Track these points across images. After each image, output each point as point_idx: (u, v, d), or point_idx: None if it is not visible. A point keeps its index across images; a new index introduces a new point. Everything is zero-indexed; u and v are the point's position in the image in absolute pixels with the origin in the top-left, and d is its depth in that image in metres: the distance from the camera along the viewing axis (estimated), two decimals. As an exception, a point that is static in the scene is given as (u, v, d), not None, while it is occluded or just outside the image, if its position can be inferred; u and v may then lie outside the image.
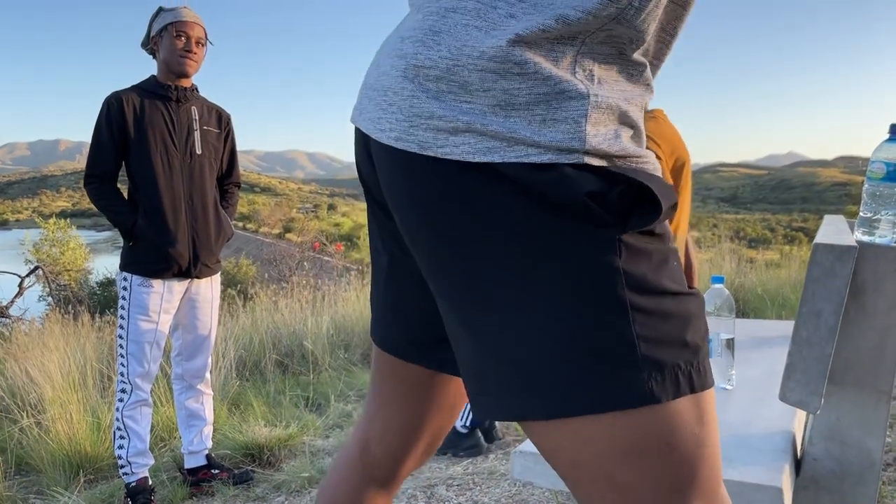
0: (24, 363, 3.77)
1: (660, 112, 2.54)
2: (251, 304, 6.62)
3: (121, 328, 2.57)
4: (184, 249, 2.59)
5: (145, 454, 2.61)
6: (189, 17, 2.59)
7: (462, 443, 2.89)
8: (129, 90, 2.59)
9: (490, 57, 0.69)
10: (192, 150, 2.64)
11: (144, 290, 2.55)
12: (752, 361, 2.05)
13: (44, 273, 11.32)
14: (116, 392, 2.60)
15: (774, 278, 6.51)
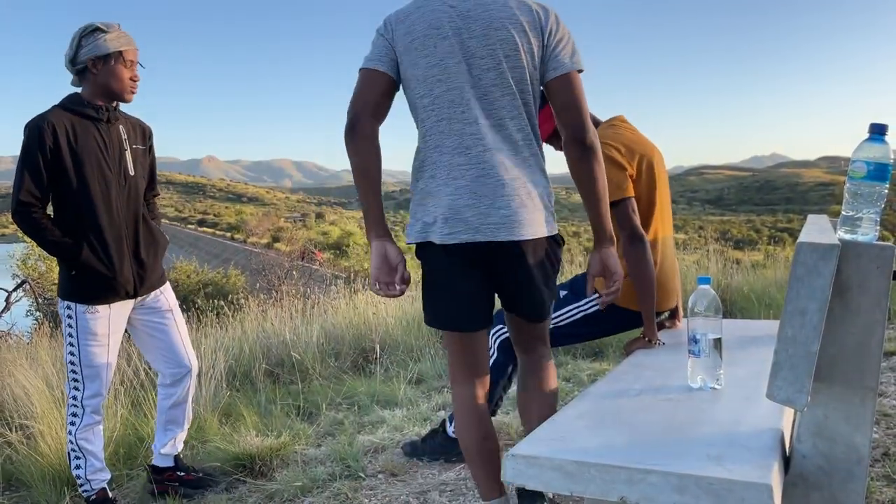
0: (12, 378, 3.74)
1: (618, 118, 2.60)
2: (240, 315, 6.60)
3: (71, 354, 2.53)
4: (129, 274, 2.56)
5: (102, 470, 2.66)
6: (130, 42, 2.51)
7: (455, 448, 2.88)
8: (57, 111, 2.45)
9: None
10: (126, 171, 2.56)
11: (91, 316, 2.50)
12: (740, 361, 2.07)
13: (31, 287, 11.22)
14: (67, 415, 2.59)
15: (761, 278, 6.56)
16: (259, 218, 68.62)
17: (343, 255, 24.89)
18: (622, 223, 2.33)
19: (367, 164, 1.81)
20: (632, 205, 2.36)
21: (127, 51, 2.48)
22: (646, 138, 2.56)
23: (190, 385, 2.83)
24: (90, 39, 2.45)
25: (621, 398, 1.76)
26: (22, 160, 2.41)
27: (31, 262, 17.83)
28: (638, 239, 2.32)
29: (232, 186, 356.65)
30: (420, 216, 1.88)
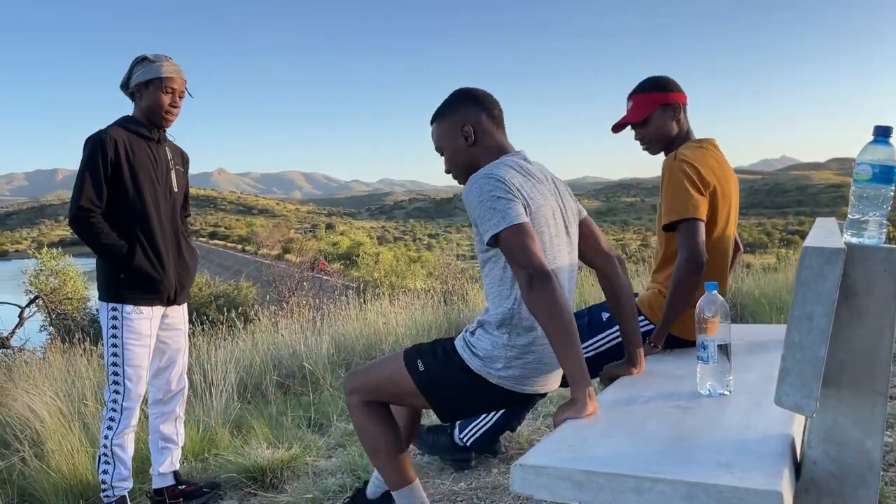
0: (26, 394, 3.76)
1: (709, 142, 2.52)
2: (251, 326, 6.62)
3: (114, 356, 2.61)
4: (174, 279, 2.74)
5: (128, 479, 2.71)
6: (174, 72, 2.67)
7: (452, 454, 2.87)
8: (115, 128, 2.65)
9: None
10: (171, 187, 2.77)
11: (136, 316, 2.63)
12: (750, 366, 2.05)
13: (44, 303, 11.30)
14: (104, 420, 2.65)
15: (772, 282, 6.51)
16: (269, 229, 68.92)
17: (353, 266, 24.92)
18: (686, 242, 2.22)
19: (571, 316, 1.75)
20: (701, 227, 2.24)
21: (168, 78, 2.65)
22: (730, 171, 2.47)
23: (182, 401, 2.91)
24: (140, 67, 2.66)
25: (630, 405, 1.75)
26: (84, 169, 2.57)
27: (42, 278, 17.97)
28: (696, 264, 2.20)
29: (242, 199, 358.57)
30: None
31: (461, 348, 1.94)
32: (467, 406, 2.03)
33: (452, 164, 2.06)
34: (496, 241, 1.80)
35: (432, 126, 2.10)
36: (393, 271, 18.84)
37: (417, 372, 1.97)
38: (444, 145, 2.06)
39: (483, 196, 1.82)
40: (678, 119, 2.50)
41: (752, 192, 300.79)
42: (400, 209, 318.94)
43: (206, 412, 3.81)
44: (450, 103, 2.06)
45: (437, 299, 7.35)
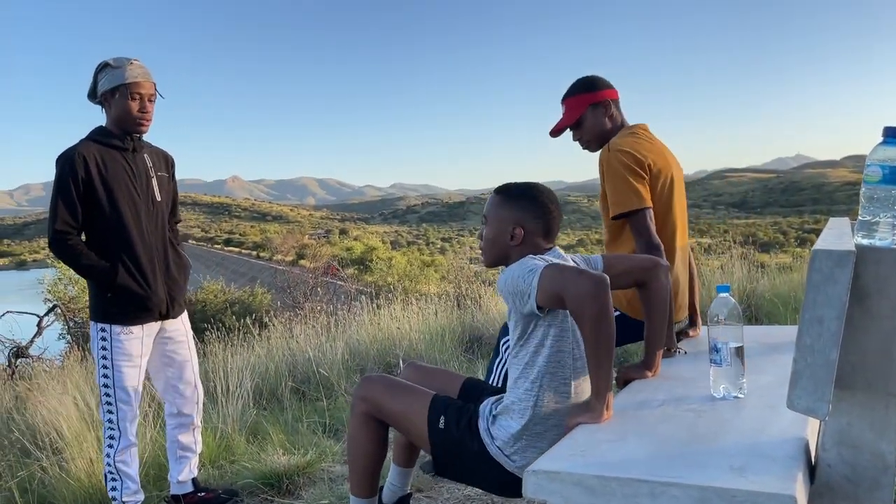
0: (44, 402, 3.80)
1: (640, 127, 2.60)
2: (267, 333, 6.64)
3: (105, 377, 2.58)
4: (163, 294, 2.67)
5: (138, 492, 2.71)
6: (141, 76, 2.57)
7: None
8: (86, 143, 2.56)
9: None
10: (153, 197, 2.68)
11: (125, 337, 2.58)
12: (763, 368, 2.05)
13: (62, 311, 11.40)
14: (105, 438, 2.64)
15: (787, 282, 6.46)
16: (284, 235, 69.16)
17: (367, 271, 24.98)
18: (640, 232, 2.32)
19: (614, 328, 1.74)
20: (649, 215, 2.36)
21: (133, 83, 2.55)
22: (665, 149, 2.56)
23: (198, 412, 2.90)
24: (103, 74, 2.58)
25: (643, 409, 1.75)
26: (56, 191, 2.51)
27: (61, 287, 18.12)
28: (655, 248, 2.31)
29: (256, 205, 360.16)
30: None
31: (483, 431, 1.91)
32: (467, 476, 2.02)
33: (487, 245, 2.05)
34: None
35: (493, 195, 2.07)
36: (406, 276, 18.86)
37: (436, 427, 1.96)
38: (489, 222, 2.04)
39: (523, 266, 1.82)
40: (610, 115, 2.58)
41: (767, 191, 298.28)
42: (413, 213, 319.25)
43: (222, 419, 3.83)
44: (519, 195, 2.03)
45: (450, 304, 7.35)
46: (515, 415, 1.87)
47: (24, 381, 5.48)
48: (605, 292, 1.67)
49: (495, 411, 1.94)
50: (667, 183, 2.46)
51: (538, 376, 1.84)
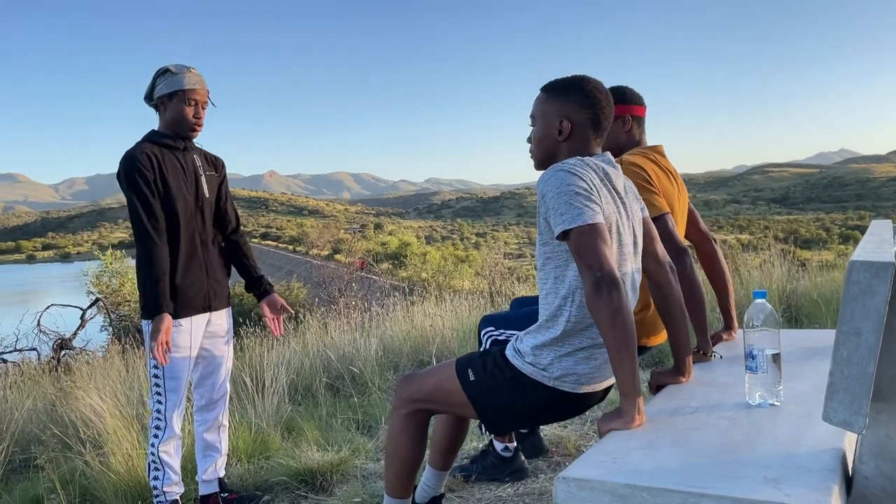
0: (87, 396, 3.91)
1: (656, 149, 2.60)
2: (302, 328, 6.72)
3: (155, 367, 2.66)
4: (203, 286, 2.76)
5: (178, 484, 2.77)
6: (197, 83, 2.68)
7: (506, 468, 2.87)
8: (145, 144, 2.68)
9: None
10: (202, 194, 2.79)
11: (174, 329, 2.65)
12: (801, 374, 2.01)
13: (104, 305, 11.67)
14: (151, 428, 2.72)
15: (829, 281, 6.32)
16: (319, 230, 69.81)
17: (401, 266, 25.08)
18: (664, 238, 2.28)
19: (633, 325, 1.73)
20: (670, 220, 2.35)
21: (190, 90, 2.67)
22: (672, 175, 2.58)
23: (224, 410, 2.95)
24: (162, 79, 2.69)
25: (676, 416, 1.73)
26: (130, 191, 2.61)
27: (104, 280, 18.55)
28: (682, 252, 2.29)
29: (293, 200, 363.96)
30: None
31: (512, 356, 1.91)
32: (516, 417, 2.00)
33: (535, 145, 2.01)
34: (566, 238, 1.77)
35: (539, 93, 2.02)
36: (440, 271, 18.89)
37: (467, 381, 1.95)
38: (536, 121, 2.01)
39: (561, 189, 1.77)
40: (628, 130, 2.59)
41: (809, 187, 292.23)
42: (447, 208, 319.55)
43: (258, 414, 3.89)
44: (565, 87, 1.96)
45: (484, 300, 7.35)
46: (545, 329, 1.87)
47: (68, 373, 5.64)
48: (609, 294, 1.66)
49: (523, 333, 1.94)
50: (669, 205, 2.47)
51: (569, 291, 1.83)
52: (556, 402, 1.89)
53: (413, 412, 2.07)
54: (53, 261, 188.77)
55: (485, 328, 2.74)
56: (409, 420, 2.07)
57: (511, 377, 1.89)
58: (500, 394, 1.92)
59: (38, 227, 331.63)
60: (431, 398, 2.04)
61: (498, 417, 1.98)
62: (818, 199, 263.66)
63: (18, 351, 8.87)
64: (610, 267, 1.69)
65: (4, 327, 9.12)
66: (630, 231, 1.94)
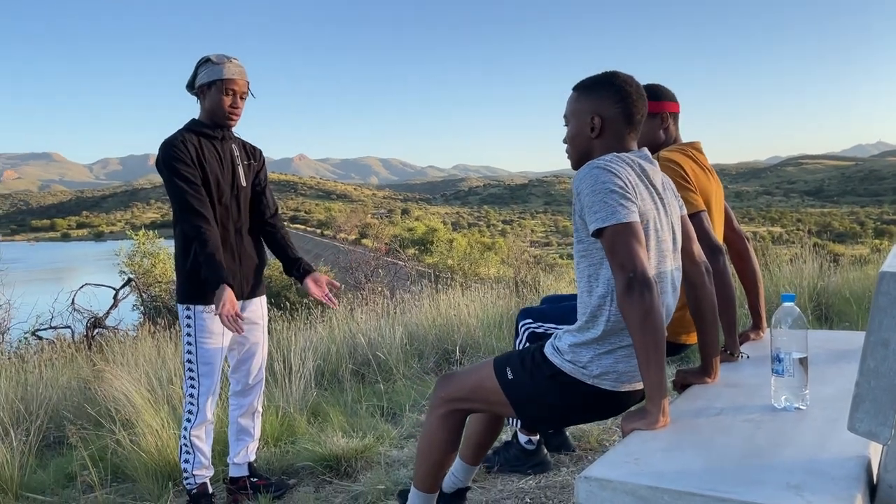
0: (118, 375, 4.00)
1: (693, 146, 2.60)
2: (329, 313, 6.78)
3: (189, 353, 2.73)
4: (236, 273, 2.79)
5: (207, 468, 2.84)
6: (237, 73, 2.72)
7: (528, 461, 2.89)
8: (184, 132, 2.74)
9: None
10: (239, 183, 2.83)
11: (207, 316, 2.71)
12: (828, 378, 2.00)
13: (137, 285, 11.89)
14: (184, 412, 2.79)
15: (863, 278, 6.20)
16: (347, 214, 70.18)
17: (427, 252, 25.13)
18: (699, 237, 2.28)
19: (663, 326, 1.73)
20: (705, 217, 2.34)
21: (229, 79, 2.71)
22: (709, 172, 2.57)
23: (259, 396, 3.00)
24: (203, 68, 2.74)
25: (700, 418, 1.73)
26: (171, 174, 2.66)
27: (136, 260, 18.85)
28: (717, 250, 2.29)
29: (322, 184, 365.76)
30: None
31: (551, 354, 1.91)
32: (555, 416, 2.01)
33: (570, 143, 2.02)
34: (600, 236, 1.77)
35: (571, 93, 2.02)
36: (466, 258, 18.91)
37: (506, 380, 1.96)
38: (570, 121, 2.01)
39: (596, 186, 1.78)
40: (665, 128, 2.59)
41: (845, 180, 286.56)
42: (474, 195, 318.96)
43: (285, 398, 3.96)
44: (595, 84, 1.97)
45: (509, 290, 7.36)
46: (585, 330, 1.87)
47: (100, 352, 5.77)
48: (641, 295, 1.66)
49: (562, 332, 1.94)
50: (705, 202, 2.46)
51: (607, 290, 1.82)
52: (596, 401, 1.89)
53: (451, 412, 2.08)
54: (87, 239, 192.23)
55: (523, 320, 2.76)
56: (446, 420, 2.09)
57: (550, 375, 1.90)
58: (538, 392, 1.92)
59: (72, 205, 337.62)
60: (470, 397, 2.06)
61: (536, 415, 2.00)
62: (853, 192, 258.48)
63: (53, 328, 9.08)
64: (643, 267, 1.69)
65: (40, 305, 9.33)
66: (669, 228, 1.94)
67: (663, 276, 1.88)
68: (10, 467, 3.22)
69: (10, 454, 3.27)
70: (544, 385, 1.91)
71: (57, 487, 3.30)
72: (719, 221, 2.61)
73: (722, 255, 2.30)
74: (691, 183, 2.39)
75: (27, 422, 3.76)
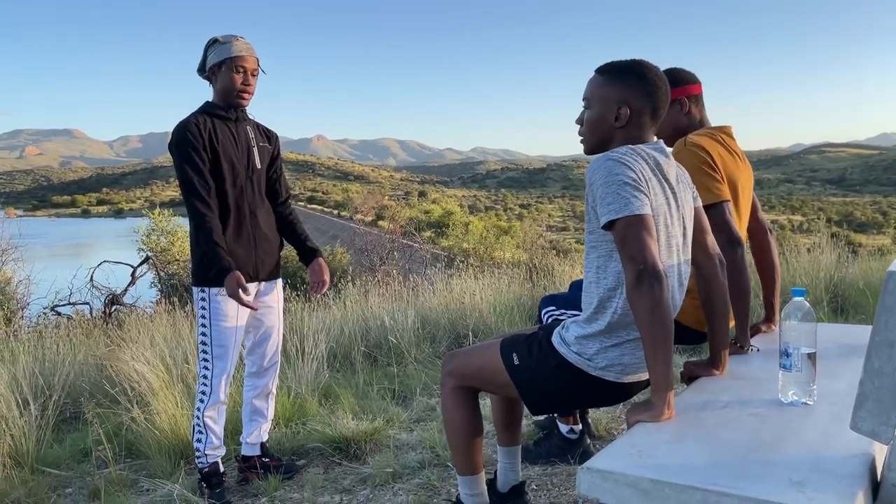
0: (134, 353, 4.05)
1: (723, 130, 2.56)
2: (343, 294, 6.82)
3: (203, 335, 2.76)
4: (251, 255, 2.81)
5: (219, 448, 2.87)
6: (245, 50, 2.73)
7: (571, 450, 2.88)
8: (197, 114, 2.75)
9: None
10: (254, 165, 2.84)
11: (222, 298, 2.72)
12: (838, 372, 1.99)
13: (154, 263, 12.01)
14: (197, 393, 2.82)
15: (881, 269, 6.12)
16: (364, 196, 70.27)
17: (443, 235, 25.13)
18: (719, 227, 2.26)
19: (671, 320, 1.72)
20: (728, 208, 2.31)
21: (237, 57, 2.71)
22: (739, 157, 2.53)
23: (274, 378, 3.03)
24: (212, 49, 2.75)
25: (705, 411, 1.73)
26: (181, 159, 2.68)
27: (154, 238, 19.01)
28: (736, 242, 2.26)
29: (339, 164, 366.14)
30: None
31: (557, 343, 1.92)
32: (560, 403, 2.03)
33: (589, 128, 1.96)
34: (611, 228, 1.76)
35: (595, 75, 1.95)
36: (482, 242, 18.89)
37: (512, 365, 1.98)
38: (592, 104, 1.94)
39: (609, 178, 1.76)
40: (688, 112, 2.56)
41: (868, 169, 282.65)
42: (492, 178, 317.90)
43: (297, 380, 3.99)
44: (625, 72, 1.91)
45: (523, 276, 7.35)
46: (591, 321, 1.87)
47: (118, 329, 5.84)
48: (651, 288, 1.65)
49: (569, 322, 1.95)
50: (732, 188, 2.43)
51: (616, 283, 1.83)
52: (600, 391, 1.91)
53: (459, 388, 2.12)
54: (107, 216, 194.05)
55: (546, 307, 2.75)
56: (458, 393, 2.12)
57: (555, 364, 1.91)
58: (543, 379, 1.94)
59: (93, 182, 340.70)
60: (476, 377, 2.09)
61: (540, 401, 2.01)
62: (877, 181, 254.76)
63: (72, 304, 9.21)
64: (654, 260, 1.68)
65: (59, 280, 9.45)
66: (679, 223, 1.92)
67: (671, 270, 1.87)
68: (27, 441, 3.28)
69: (27, 428, 3.34)
70: (549, 373, 1.92)
71: (72, 462, 3.37)
72: (746, 209, 2.56)
73: (741, 247, 2.27)
74: (718, 171, 2.35)
75: (44, 396, 3.83)
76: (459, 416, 2.13)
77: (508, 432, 2.36)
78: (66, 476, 3.21)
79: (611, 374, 1.86)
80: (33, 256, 10.13)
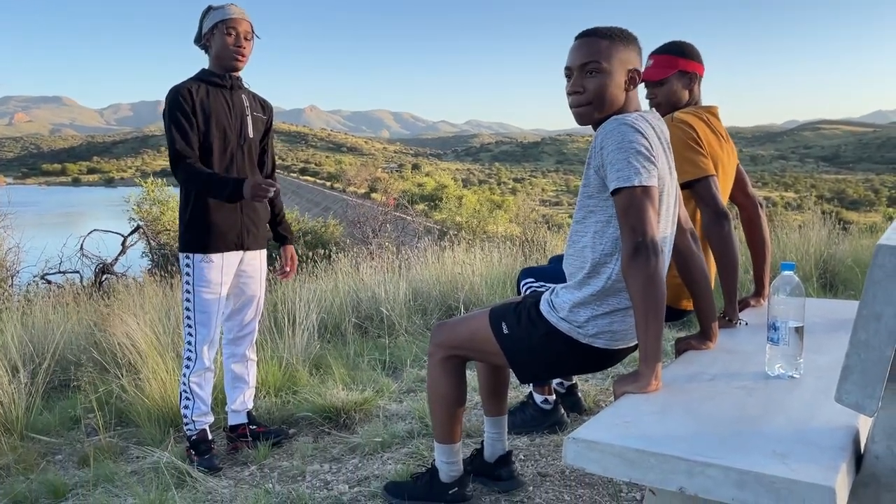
0: (124, 321, 4.04)
1: (710, 111, 2.57)
2: (334, 266, 6.82)
3: (187, 301, 2.77)
4: (237, 223, 2.81)
5: (207, 414, 2.89)
6: (237, 13, 2.74)
7: (545, 420, 2.91)
8: (191, 81, 2.75)
9: None
10: (246, 133, 2.84)
11: (206, 265, 2.75)
12: (825, 347, 2.00)
13: (145, 232, 11.96)
14: (183, 360, 2.84)
15: (870, 246, 6.16)
16: (357, 168, 69.98)
17: (436, 208, 25.09)
18: (705, 201, 2.28)
19: (664, 292, 1.72)
20: (714, 182, 2.32)
21: (229, 19, 2.72)
22: (721, 136, 2.54)
23: (251, 345, 3.03)
24: (206, 17, 2.77)
25: (692, 382, 1.74)
26: (169, 121, 2.70)
27: (145, 207, 18.90)
28: (723, 216, 2.27)
29: (332, 136, 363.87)
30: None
31: (546, 311, 1.93)
32: (550, 370, 2.05)
33: (600, 93, 1.84)
34: (616, 194, 1.74)
35: (594, 39, 1.86)
36: (475, 216, 18.87)
37: (501, 334, 1.99)
38: (603, 68, 1.83)
39: (623, 144, 1.73)
40: (691, 88, 2.56)
41: (862, 146, 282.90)
42: (486, 152, 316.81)
43: (288, 350, 4.00)
44: (628, 38, 1.88)
45: (515, 250, 7.36)
46: (584, 284, 1.87)
47: (108, 298, 5.83)
48: (647, 260, 1.66)
49: (559, 287, 1.96)
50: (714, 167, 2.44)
51: (613, 249, 1.83)
52: (589, 358, 1.93)
53: (448, 358, 2.14)
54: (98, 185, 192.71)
55: (524, 279, 2.76)
56: (445, 364, 2.15)
57: (545, 332, 1.92)
58: (532, 347, 1.95)
59: (83, 150, 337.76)
60: (465, 346, 2.10)
61: (529, 368, 2.02)
62: (870, 159, 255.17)
63: (62, 273, 9.18)
64: (654, 233, 1.69)
65: (49, 249, 9.40)
66: (674, 193, 1.93)
67: (664, 242, 1.88)
68: (16, 408, 3.28)
69: (17, 395, 3.34)
70: (539, 342, 1.93)
71: (62, 429, 3.37)
72: (726, 189, 2.59)
73: (727, 220, 2.28)
74: (703, 146, 2.37)
75: (34, 364, 3.82)
76: (445, 385, 2.16)
77: (495, 402, 2.37)
78: (56, 443, 3.22)
79: (600, 341, 1.87)
80: (23, 224, 10.04)
